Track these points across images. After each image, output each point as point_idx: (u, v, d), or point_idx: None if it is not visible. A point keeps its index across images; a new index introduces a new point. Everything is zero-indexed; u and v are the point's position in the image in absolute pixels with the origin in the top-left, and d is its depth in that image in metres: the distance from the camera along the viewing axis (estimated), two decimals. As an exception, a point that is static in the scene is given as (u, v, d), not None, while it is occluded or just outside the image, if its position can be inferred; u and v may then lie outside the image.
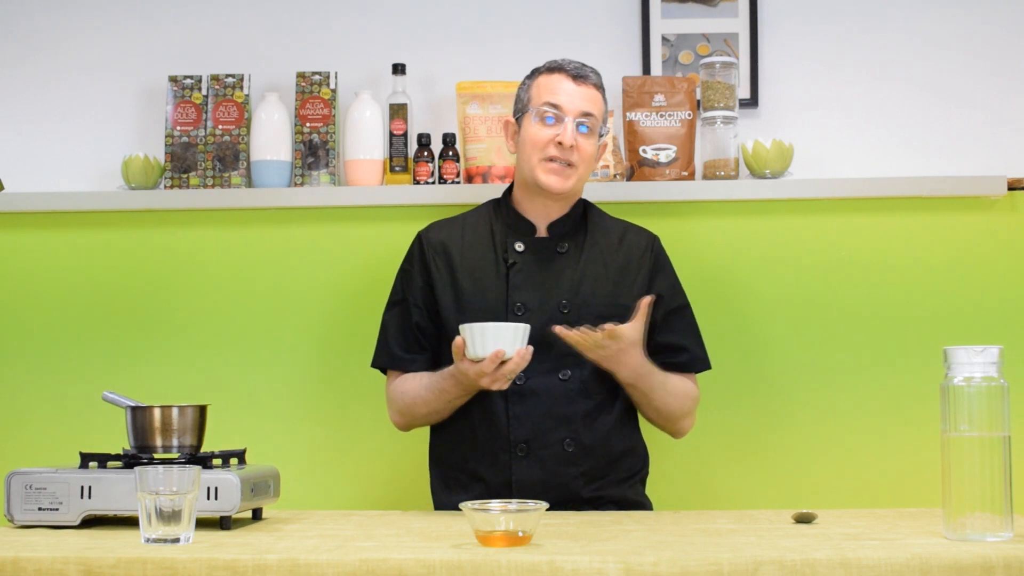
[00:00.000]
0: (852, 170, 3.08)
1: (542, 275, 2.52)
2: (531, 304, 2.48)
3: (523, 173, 2.55)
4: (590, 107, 2.52)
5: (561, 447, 2.45)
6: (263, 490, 2.11)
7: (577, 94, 2.51)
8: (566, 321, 2.44)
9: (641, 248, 2.60)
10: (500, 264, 2.54)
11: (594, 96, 2.53)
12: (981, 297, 3.00)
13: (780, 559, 1.65)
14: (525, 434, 2.45)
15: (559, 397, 2.45)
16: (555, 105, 2.50)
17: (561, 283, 2.51)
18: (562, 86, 2.51)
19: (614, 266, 2.56)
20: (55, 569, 1.69)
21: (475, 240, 2.58)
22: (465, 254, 2.57)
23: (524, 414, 2.45)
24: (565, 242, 2.55)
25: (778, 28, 3.16)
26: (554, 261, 2.54)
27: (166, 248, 3.10)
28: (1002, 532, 1.76)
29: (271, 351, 3.08)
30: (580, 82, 2.52)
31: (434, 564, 1.65)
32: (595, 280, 2.53)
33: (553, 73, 2.54)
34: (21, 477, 2.02)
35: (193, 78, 3.13)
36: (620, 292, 2.53)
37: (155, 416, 2.13)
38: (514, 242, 2.55)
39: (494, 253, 2.55)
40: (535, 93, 2.54)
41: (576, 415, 2.47)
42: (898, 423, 2.98)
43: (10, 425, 3.08)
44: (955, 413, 1.79)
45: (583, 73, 2.53)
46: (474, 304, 2.51)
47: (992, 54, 3.13)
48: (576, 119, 2.49)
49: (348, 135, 3.06)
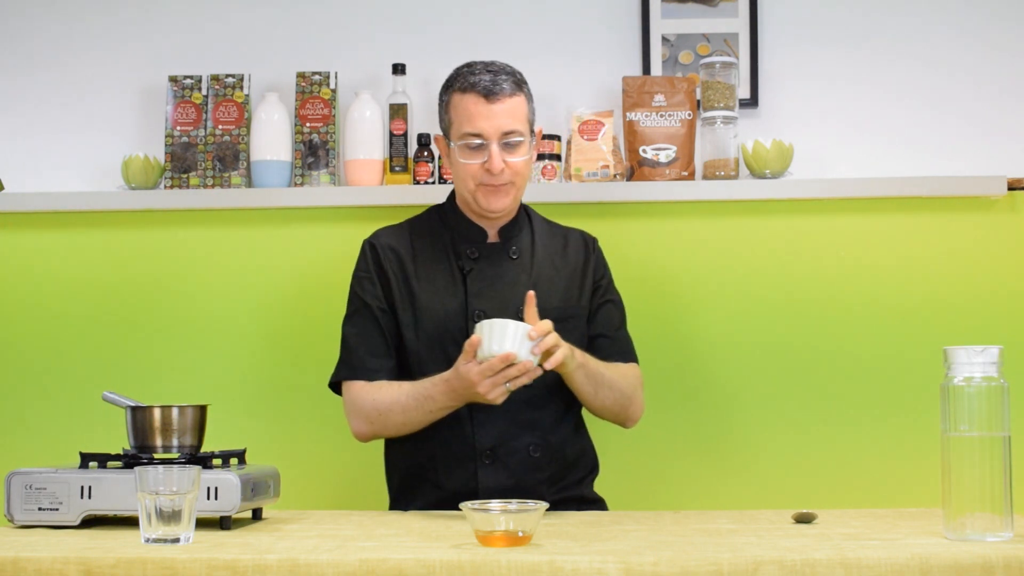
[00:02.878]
0: (852, 170, 3.08)
1: (498, 281, 2.49)
2: (490, 311, 2.43)
3: (462, 195, 2.51)
4: (510, 123, 2.42)
5: (527, 453, 2.44)
6: (263, 490, 2.11)
7: (494, 114, 2.41)
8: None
9: (583, 253, 2.59)
10: (455, 271, 2.50)
11: (512, 107, 2.43)
12: (981, 297, 3.00)
13: (780, 559, 1.65)
14: (491, 441, 2.42)
15: (524, 403, 2.41)
16: (475, 134, 2.42)
17: (517, 289, 2.46)
18: (477, 110, 2.41)
19: (564, 271, 2.54)
20: (55, 569, 1.69)
21: (426, 246, 2.53)
22: (418, 260, 2.52)
23: (489, 421, 2.42)
24: (516, 247, 2.52)
25: (778, 28, 3.16)
26: (508, 267, 2.50)
27: (166, 248, 3.10)
28: (1002, 532, 1.76)
29: (271, 351, 3.08)
30: (493, 99, 2.42)
31: (434, 564, 1.65)
32: (549, 285, 2.50)
33: (466, 94, 2.43)
34: (21, 477, 2.02)
35: (193, 78, 3.13)
36: (571, 296, 2.52)
37: (155, 416, 2.13)
38: (467, 248, 2.50)
39: (447, 260, 2.51)
40: (454, 117, 2.45)
41: (542, 420, 2.45)
42: (898, 423, 2.98)
43: (10, 425, 3.08)
44: (955, 413, 1.79)
45: (495, 89, 2.42)
46: (432, 311, 2.47)
47: (992, 54, 3.13)
48: (499, 141, 2.42)
49: (348, 135, 3.06)
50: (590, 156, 3.00)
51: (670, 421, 3.00)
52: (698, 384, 3.03)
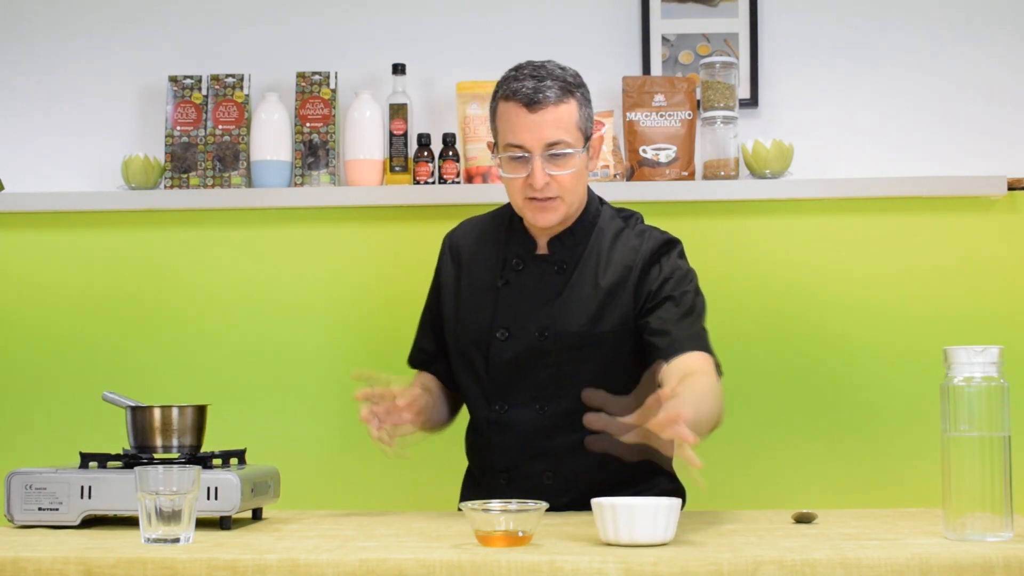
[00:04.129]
0: (852, 170, 3.08)
1: (530, 298, 2.37)
2: (514, 329, 2.35)
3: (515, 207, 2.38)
4: (555, 133, 2.27)
5: (540, 479, 2.37)
6: (263, 490, 2.11)
7: (537, 125, 2.26)
8: (542, 350, 2.33)
9: (634, 260, 2.36)
10: (497, 282, 2.40)
11: (558, 116, 2.27)
12: (981, 297, 3.00)
13: (780, 559, 1.64)
14: (506, 463, 2.38)
15: (537, 430, 2.34)
16: (517, 145, 2.27)
17: (544, 308, 2.35)
18: (520, 121, 2.27)
19: (606, 285, 2.34)
20: (55, 569, 1.69)
21: (484, 248, 2.45)
22: (474, 262, 2.44)
23: (504, 444, 2.37)
24: (561, 262, 2.38)
25: (778, 28, 3.16)
26: (547, 282, 2.37)
27: (166, 248, 3.10)
28: (1002, 532, 1.76)
29: (271, 351, 3.09)
30: (535, 108, 2.26)
31: (434, 564, 1.65)
32: (580, 305, 2.34)
33: (509, 102, 2.28)
34: (21, 477, 2.02)
35: (193, 78, 3.13)
36: (603, 318, 2.33)
37: (155, 416, 2.13)
38: (513, 259, 2.40)
39: (495, 267, 2.41)
40: (500, 126, 2.32)
41: (557, 449, 2.34)
42: (898, 423, 2.98)
43: (10, 425, 3.08)
44: (955, 413, 1.79)
45: (537, 97, 2.26)
46: (466, 320, 2.41)
47: (992, 54, 3.13)
48: (543, 153, 2.26)
49: (348, 135, 3.06)
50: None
51: (670, 421, 3.00)
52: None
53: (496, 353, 2.36)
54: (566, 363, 2.34)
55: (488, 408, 2.39)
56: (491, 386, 2.38)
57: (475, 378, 2.39)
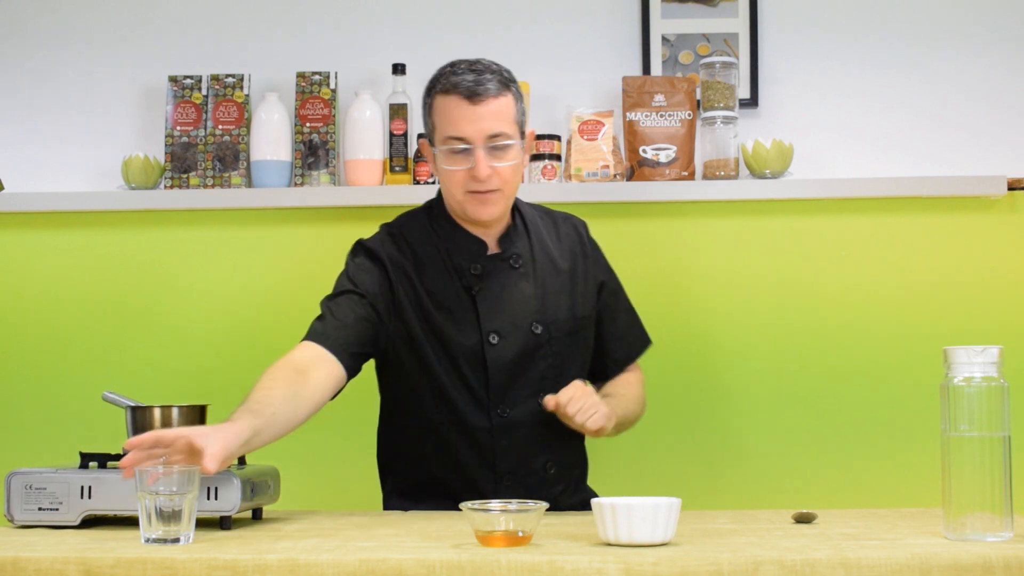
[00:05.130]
0: (852, 170, 3.08)
1: (506, 297, 2.37)
2: (504, 330, 2.35)
3: (450, 204, 2.39)
4: (495, 125, 2.28)
5: (544, 470, 2.40)
6: (263, 490, 2.11)
7: (478, 116, 2.27)
8: (539, 343, 2.37)
9: (577, 242, 2.49)
10: (461, 290, 2.37)
11: (498, 108, 2.29)
12: (981, 297, 3.00)
13: (780, 559, 1.64)
14: (512, 465, 2.37)
15: (540, 423, 2.36)
16: (459, 138, 2.28)
17: (526, 302, 2.38)
18: (460, 113, 2.28)
19: (565, 271, 2.44)
20: (55, 569, 1.69)
21: (427, 263, 2.39)
22: (423, 275, 2.38)
23: (510, 446, 2.36)
24: (517, 255, 2.41)
25: (778, 28, 3.16)
26: (512, 279, 2.39)
27: (166, 248, 3.10)
28: (1002, 532, 1.76)
29: (271, 351, 3.07)
30: (477, 100, 2.27)
31: (434, 564, 1.65)
32: (556, 293, 2.41)
33: (448, 95, 2.29)
34: (21, 477, 2.02)
35: (193, 78, 3.13)
36: (576, 302, 2.44)
37: (155, 416, 2.13)
38: (469, 264, 2.37)
39: (451, 276, 2.38)
40: (438, 121, 2.32)
41: (556, 438, 2.39)
42: (898, 423, 2.98)
43: (10, 425, 3.08)
44: (955, 413, 1.79)
45: (478, 90, 2.27)
46: (448, 337, 2.36)
47: (992, 54, 3.13)
48: (484, 145, 2.28)
49: (348, 135, 3.06)
50: (590, 156, 3.00)
51: (670, 421, 3.00)
52: (698, 384, 3.03)
53: (494, 358, 2.35)
54: (561, 351, 2.40)
55: (486, 416, 2.36)
56: (490, 392, 2.36)
57: (467, 389, 2.36)
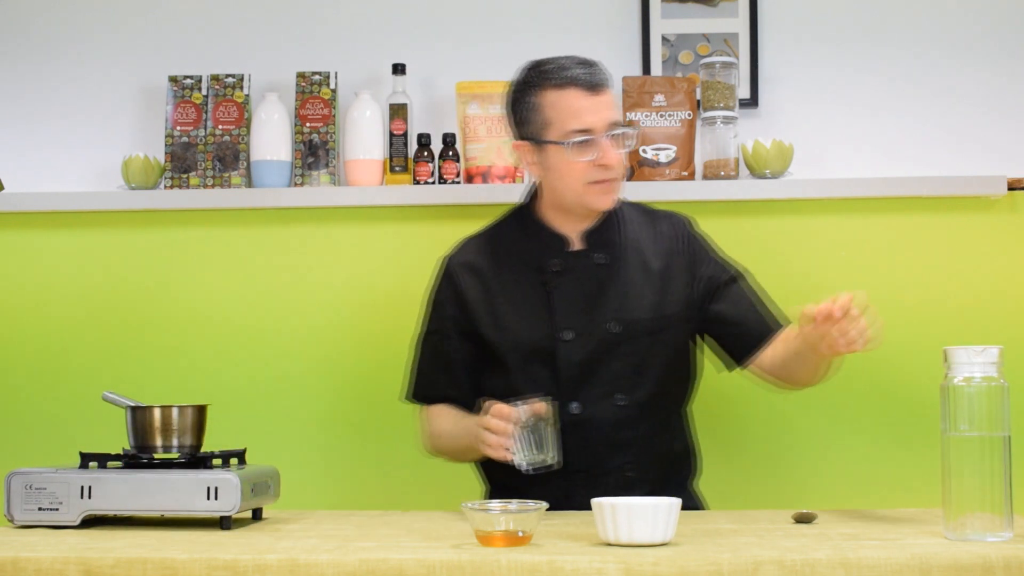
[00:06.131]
0: (852, 170, 3.08)
1: (585, 294, 2.37)
2: (579, 328, 2.35)
3: (563, 200, 2.38)
4: (614, 113, 2.35)
5: (621, 474, 2.36)
6: (263, 490, 2.12)
7: (600, 106, 2.33)
8: (615, 341, 2.36)
9: (676, 242, 2.45)
10: (538, 286, 2.39)
11: (611, 98, 2.36)
12: (981, 297, 3.00)
13: (780, 559, 1.65)
14: (584, 463, 2.33)
15: (616, 423, 2.35)
16: (585, 130, 2.31)
17: (606, 300, 2.37)
18: (582, 104, 2.32)
19: (656, 270, 2.41)
20: (55, 569, 1.69)
21: (507, 261, 2.43)
22: (500, 276, 2.42)
23: (582, 443, 2.33)
24: (603, 252, 2.40)
25: (778, 28, 3.16)
26: (594, 276, 2.39)
27: (166, 248, 3.10)
28: (1002, 532, 1.76)
29: (271, 351, 3.09)
30: (597, 91, 2.33)
31: (434, 564, 1.65)
32: (640, 290, 2.39)
33: (565, 89, 2.33)
34: (21, 477, 2.02)
35: (193, 78, 3.13)
36: (665, 301, 2.40)
37: (155, 416, 2.13)
38: (549, 260, 2.39)
39: (529, 274, 2.40)
40: (553, 116, 2.33)
41: (635, 440, 2.36)
42: (898, 423, 2.98)
43: (10, 425, 3.08)
44: (955, 413, 1.79)
45: (595, 81, 2.34)
46: (518, 333, 2.38)
47: (992, 54, 3.13)
48: (608, 133, 2.32)
49: (348, 135, 3.06)
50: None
51: (670, 421, 3.00)
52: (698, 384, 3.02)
53: (565, 354, 2.35)
54: (641, 351, 2.37)
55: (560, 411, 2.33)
56: (561, 389, 2.35)
57: (538, 385, 2.34)
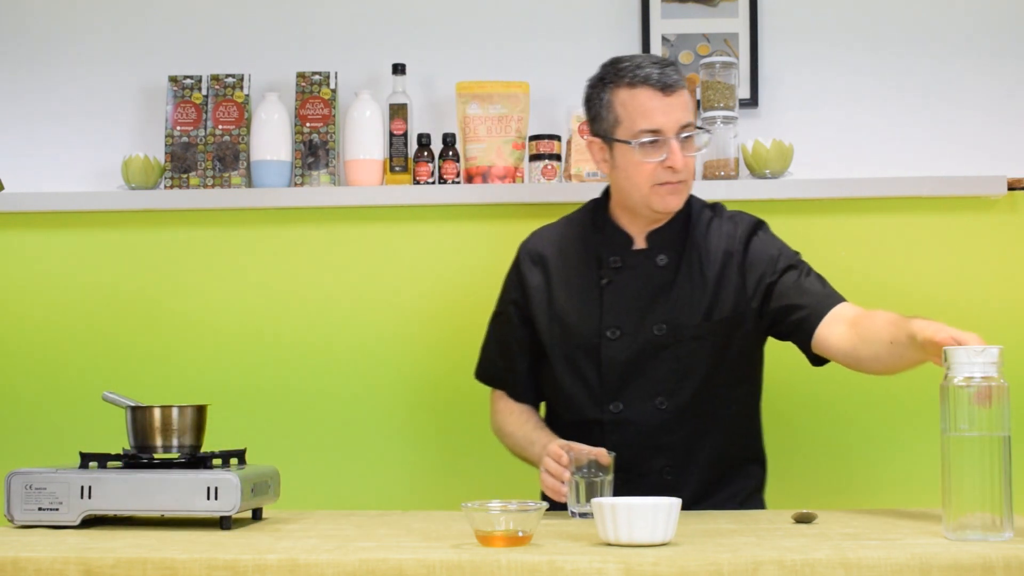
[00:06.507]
0: (852, 170, 3.08)
1: (638, 294, 2.37)
2: (626, 327, 2.35)
3: (629, 200, 2.37)
4: (686, 115, 2.32)
5: (660, 476, 2.36)
6: (263, 490, 2.11)
7: (671, 107, 2.30)
8: (660, 344, 2.35)
9: (732, 242, 2.40)
10: (595, 282, 2.39)
11: (685, 99, 2.32)
12: (981, 297, 3.00)
13: (780, 559, 1.64)
14: (624, 463, 2.28)
15: (657, 426, 2.34)
16: (655, 131, 2.30)
17: (657, 303, 2.36)
18: (654, 105, 2.30)
19: (712, 274, 2.38)
20: (55, 569, 1.69)
21: (572, 251, 2.44)
22: (563, 265, 2.44)
23: (622, 443, 2.30)
24: (664, 254, 2.39)
25: (778, 28, 3.16)
26: (652, 277, 2.38)
27: (166, 248, 3.10)
28: (1002, 532, 1.76)
29: (271, 351, 3.08)
30: (670, 92, 2.30)
31: (434, 564, 1.65)
32: (692, 295, 2.37)
33: (637, 88, 2.31)
34: (21, 477, 2.02)
35: (193, 78, 3.13)
36: (716, 306, 2.36)
37: (155, 416, 2.13)
38: (609, 256, 2.40)
39: (589, 269, 2.41)
40: (624, 115, 2.32)
41: (675, 443, 2.36)
42: (898, 423, 2.98)
43: (10, 425, 3.08)
44: (955, 413, 1.79)
45: (669, 81, 2.30)
46: (567, 323, 2.39)
47: (992, 54, 3.13)
48: (678, 135, 2.30)
49: (348, 135, 3.06)
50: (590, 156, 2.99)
51: (670, 421, 3.00)
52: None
53: (609, 353, 2.35)
54: (685, 356, 2.36)
55: (600, 409, 2.36)
56: (604, 387, 2.36)
57: (582, 381, 2.37)
